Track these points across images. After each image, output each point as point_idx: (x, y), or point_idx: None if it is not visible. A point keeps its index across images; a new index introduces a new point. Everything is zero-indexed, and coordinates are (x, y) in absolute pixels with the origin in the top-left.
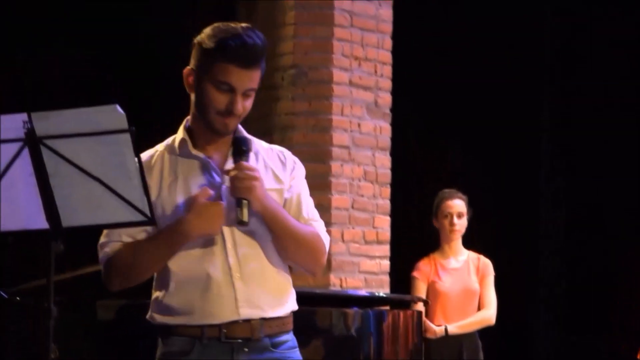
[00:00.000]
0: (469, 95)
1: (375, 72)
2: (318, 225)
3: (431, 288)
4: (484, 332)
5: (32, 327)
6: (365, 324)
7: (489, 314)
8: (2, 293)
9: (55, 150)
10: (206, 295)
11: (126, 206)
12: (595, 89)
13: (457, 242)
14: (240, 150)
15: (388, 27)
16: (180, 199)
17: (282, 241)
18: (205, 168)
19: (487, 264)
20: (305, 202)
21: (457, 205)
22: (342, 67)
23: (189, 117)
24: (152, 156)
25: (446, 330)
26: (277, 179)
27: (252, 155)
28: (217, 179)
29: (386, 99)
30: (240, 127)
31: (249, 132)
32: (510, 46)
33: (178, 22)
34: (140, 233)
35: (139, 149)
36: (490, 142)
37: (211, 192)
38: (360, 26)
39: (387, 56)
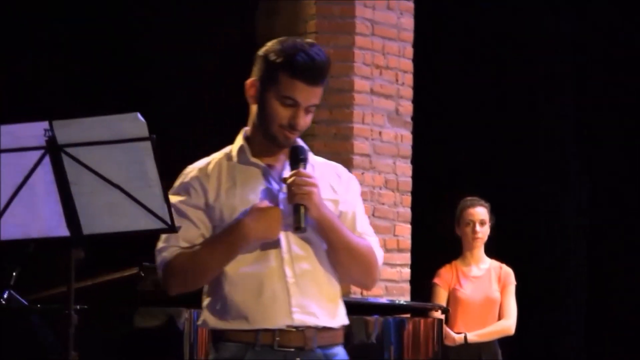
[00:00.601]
0: (491, 103)
1: (397, 80)
2: (372, 240)
3: (452, 295)
4: (504, 341)
5: (52, 334)
6: (385, 332)
7: (509, 323)
8: (22, 300)
9: (76, 158)
10: (260, 300)
11: (147, 214)
12: (622, 95)
13: (480, 250)
14: (298, 158)
15: (409, 36)
16: (237, 204)
17: (336, 251)
18: (264, 175)
19: (508, 273)
20: (359, 216)
21: (480, 212)
22: (363, 76)
23: (247, 127)
24: (208, 163)
25: (466, 338)
26: (334, 190)
27: (309, 165)
28: (275, 186)
29: (407, 107)
30: (297, 138)
31: None
32: (531, 52)
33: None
34: (198, 238)
35: (159, 156)
36: (513, 150)
37: (267, 202)
38: (381, 35)
39: (409, 65)
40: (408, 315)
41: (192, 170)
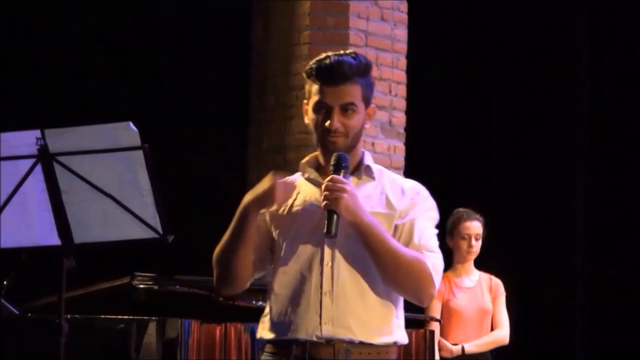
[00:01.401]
0: (485, 115)
1: (390, 91)
2: (430, 255)
3: (446, 307)
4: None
5: (43, 343)
6: None
7: (504, 333)
8: (13, 309)
9: (68, 166)
10: (295, 309)
11: (138, 223)
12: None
13: (471, 262)
14: (339, 165)
15: (403, 47)
16: (295, 212)
17: (377, 259)
18: (315, 184)
19: (499, 284)
20: (419, 229)
21: (476, 227)
22: None
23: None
24: (293, 179)
25: (463, 349)
26: (389, 205)
27: (374, 182)
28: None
29: (400, 118)
30: (367, 152)
31: (263, 150)
32: (526, 64)
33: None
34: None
35: (152, 165)
36: (506, 162)
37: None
38: (375, 46)
39: (402, 76)
40: None
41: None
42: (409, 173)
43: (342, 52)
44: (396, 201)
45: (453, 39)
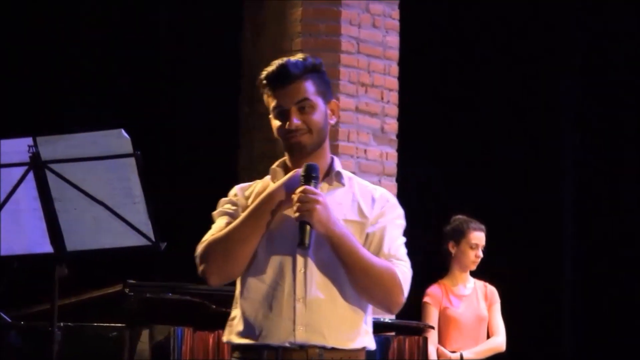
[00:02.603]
0: (477, 122)
1: (382, 98)
2: (399, 263)
3: (443, 314)
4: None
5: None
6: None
7: (500, 340)
8: (5, 317)
9: (60, 174)
10: (268, 315)
11: (131, 230)
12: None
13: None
14: (309, 176)
15: (395, 54)
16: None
17: (349, 269)
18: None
19: (493, 291)
20: (389, 238)
21: (483, 237)
22: (348, 94)
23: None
24: (251, 184)
25: (461, 356)
26: (361, 213)
27: (344, 189)
28: None
29: (393, 125)
30: (336, 159)
31: (254, 156)
32: (519, 69)
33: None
34: None
35: (144, 173)
36: (498, 169)
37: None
38: (367, 53)
39: (394, 83)
40: (393, 333)
41: (235, 188)
42: (401, 180)
43: (290, 56)
44: (367, 209)
45: (445, 46)
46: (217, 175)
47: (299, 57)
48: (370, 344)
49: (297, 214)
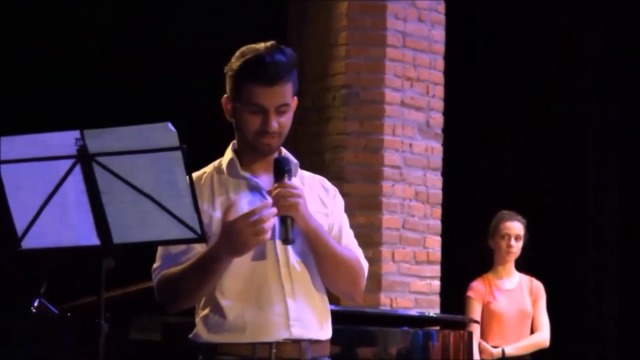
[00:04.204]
0: (523, 116)
1: (427, 92)
2: (358, 252)
3: (486, 309)
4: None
5: (83, 343)
6: (415, 344)
7: (544, 336)
8: (53, 309)
9: (107, 167)
10: (259, 313)
11: (177, 223)
12: None
13: (511, 264)
14: (282, 170)
15: (440, 48)
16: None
17: (323, 261)
18: (253, 188)
19: (539, 286)
20: (345, 228)
21: (516, 227)
22: (394, 88)
23: (234, 141)
24: (200, 177)
25: (503, 352)
26: (323, 203)
27: (297, 178)
28: (267, 198)
29: (438, 119)
30: (284, 149)
31: (300, 152)
32: (564, 63)
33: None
34: (188, 251)
35: (190, 166)
36: (544, 162)
37: (238, 209)
38: (412, 47)
39: (439, 77)
40: (437, 328)
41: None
42: (446, 174)
43: (268, 45)
44: (325, 198)
45: (491, 39)
46: None
47: (279, 49)
48: (331, 332)
49: (278, 209)
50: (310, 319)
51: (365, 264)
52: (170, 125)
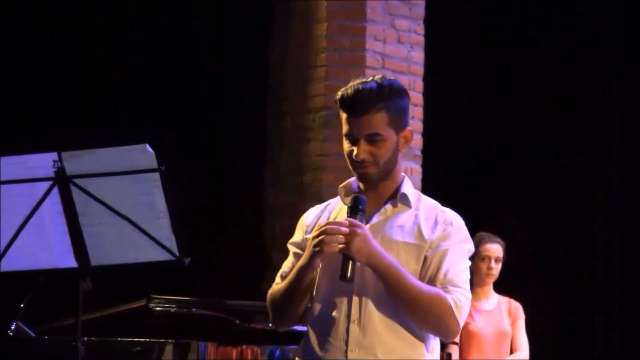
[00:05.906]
0: (502, 138)
1: None
2: (454, 290)
3: (465, 330)
4: None
5: None
6: None
7: (523, 356)
8: (29, 331)
9: (85, 189)
10: (325, 337)
11: (154, 245)
12: None
13: (490, 285)
14: (357, 208)
15: (419, 70)
16: None
17: (397, 299)
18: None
19: (518, 307)
20: (448, 263)
21: (496, 250)
22: None
23: None
24: (329, 203)
25: None
26: (420, 235)
27: (409, 211)
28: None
29: (417, 140)
30: (406, 181)
31: (280, 172)
32: (544, 82)
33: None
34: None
35: (168, 188)
36: (524, 185)
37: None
38: (391, 68)
39: (419, 98)
40: None
41: (303, 217)
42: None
43: (369, 78)
44: (428, 232)
45: (469, 61)
46: (242, 190)
47: (377, 79)
48: None
49: (339, 247)
50: (381, 348)
51: (456, 304)
52: (148, 147)
